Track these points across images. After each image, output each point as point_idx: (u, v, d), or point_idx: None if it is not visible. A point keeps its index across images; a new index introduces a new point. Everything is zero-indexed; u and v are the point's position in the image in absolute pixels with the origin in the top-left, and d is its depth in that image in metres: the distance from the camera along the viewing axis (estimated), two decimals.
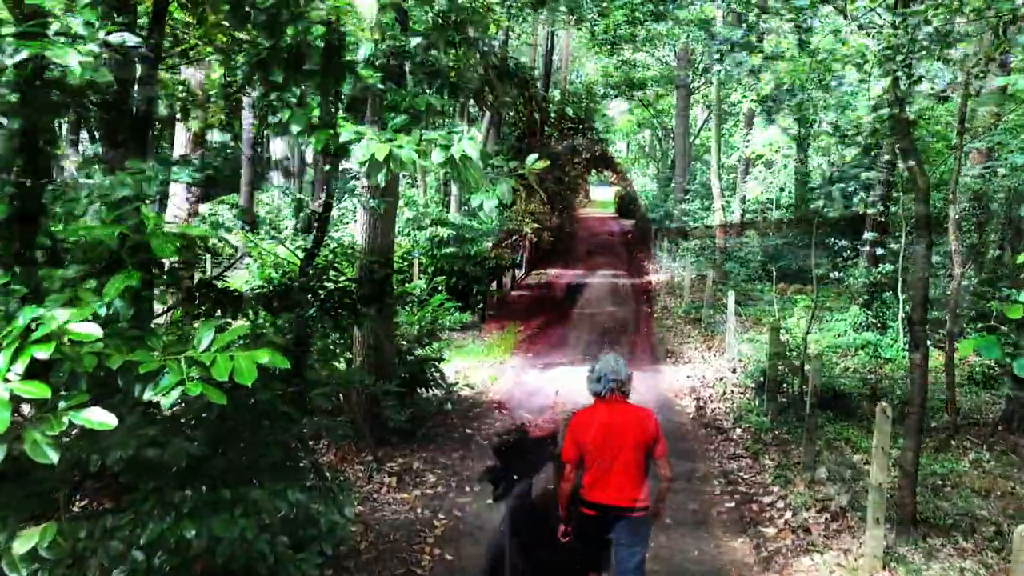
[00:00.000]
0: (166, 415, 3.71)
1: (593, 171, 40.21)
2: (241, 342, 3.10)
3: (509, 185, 3.99)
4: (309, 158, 24.94)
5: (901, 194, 12.72)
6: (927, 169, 12.73)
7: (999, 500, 6.88)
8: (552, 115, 34.39)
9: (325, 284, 7.10)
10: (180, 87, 7.02)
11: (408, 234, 16.08)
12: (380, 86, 3.80)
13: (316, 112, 3.56)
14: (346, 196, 14.64)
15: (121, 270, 2.86)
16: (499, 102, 9.76)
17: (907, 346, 11.63)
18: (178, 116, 9.75)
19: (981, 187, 11.71)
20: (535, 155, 3.94)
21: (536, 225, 25.27)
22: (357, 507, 7.07)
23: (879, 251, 13.94)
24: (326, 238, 8.56)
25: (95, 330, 2.47)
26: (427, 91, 8.11)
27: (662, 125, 36.22)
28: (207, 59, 6.46)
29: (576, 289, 21.97)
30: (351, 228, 13.74)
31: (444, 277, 16.05)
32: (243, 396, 4.41)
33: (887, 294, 13.72)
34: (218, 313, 5.19)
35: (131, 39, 3.01)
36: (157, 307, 4.33)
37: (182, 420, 4.32)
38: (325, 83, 3.56)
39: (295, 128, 3.53)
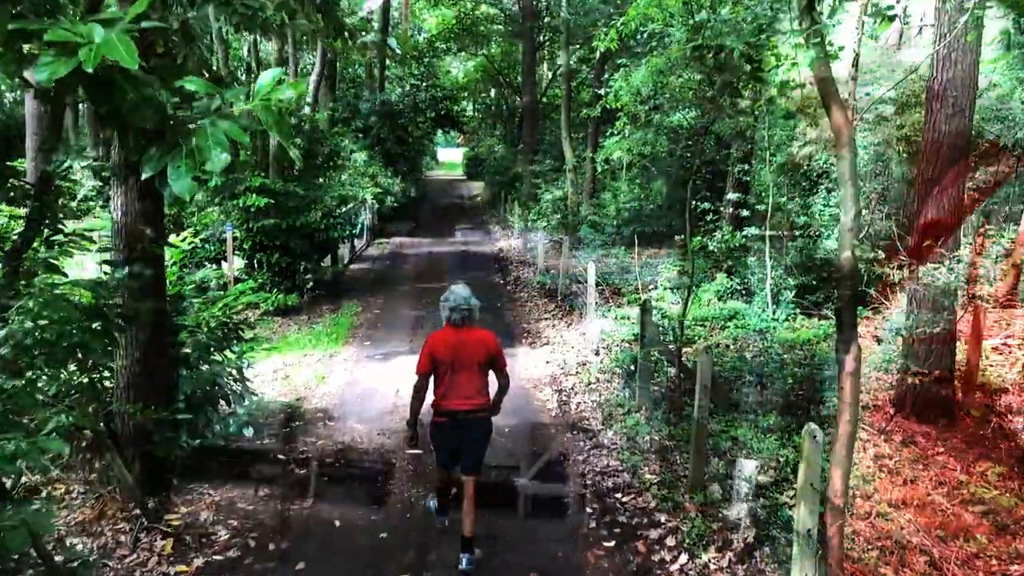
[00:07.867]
0: None
1: (439, 131, 38.06)
2: None
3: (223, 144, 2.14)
4: None
5: (768, 151, 11.70)
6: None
7: (919, 512, 5.79)
8: (392, 71, 32.02)
9: (30, 290, 4.93)
10: None
11: (219, 203, 13.59)
12: None
13: None
14: (72, 160, 11.62)
15: None
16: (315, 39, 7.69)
17: (777, 315, 10.66)
18: None
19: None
20: (273, 72, 2.13)
21: (377, 190, 23.03)
22: None
23: (744, 213, 12.98)
24: (63, 222, 6.22)
25: None
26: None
27: (508, 82, 34.60)
28: None
29: (422, 260, 20.11)
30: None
31: (264, 254, 13.75)
32: None
33: (752, 259, 12.81)
34: None
35: None
36: None
37: None
38: None
39: None
